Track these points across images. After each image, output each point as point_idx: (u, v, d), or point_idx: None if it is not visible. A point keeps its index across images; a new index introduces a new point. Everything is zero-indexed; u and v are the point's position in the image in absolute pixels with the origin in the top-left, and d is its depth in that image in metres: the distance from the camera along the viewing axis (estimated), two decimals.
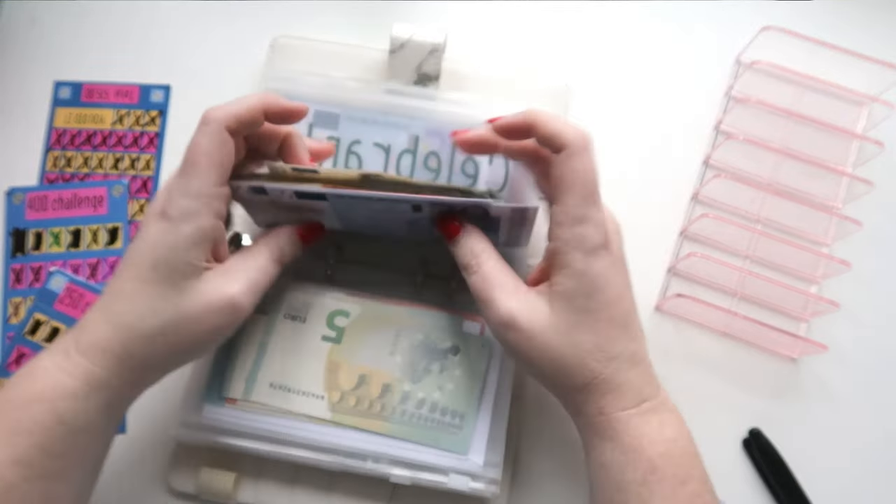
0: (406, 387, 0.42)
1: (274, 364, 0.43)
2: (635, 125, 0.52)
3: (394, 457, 0.41)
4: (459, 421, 0.42)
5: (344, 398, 0.42)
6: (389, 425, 0.42)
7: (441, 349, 0.43)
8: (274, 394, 0.42)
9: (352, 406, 0.42)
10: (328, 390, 0.42)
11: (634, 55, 0.53)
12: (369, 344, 0.43)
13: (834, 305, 0.45)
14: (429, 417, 0.42)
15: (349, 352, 0.43)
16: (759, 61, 0.50)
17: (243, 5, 0.54)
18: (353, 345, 0.43)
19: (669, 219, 0.50)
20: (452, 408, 0.42)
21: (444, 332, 0.43)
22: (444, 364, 0.43)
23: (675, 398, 0.47)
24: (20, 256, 0.49)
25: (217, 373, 0.43)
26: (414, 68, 0.49)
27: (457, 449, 0.42)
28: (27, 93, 0.52)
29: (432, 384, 0.42)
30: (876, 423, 0.47)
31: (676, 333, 0.48)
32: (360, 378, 0.42)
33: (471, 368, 0.43)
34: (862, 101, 0.52)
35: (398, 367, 0.43)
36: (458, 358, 0.43)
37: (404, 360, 0.43)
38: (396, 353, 0.43)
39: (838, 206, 0.50)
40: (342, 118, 0.47)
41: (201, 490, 0.43)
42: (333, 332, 0.43)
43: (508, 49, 0.53)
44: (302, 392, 0.42)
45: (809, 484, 0.46)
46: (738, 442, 0.47)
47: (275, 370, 0.43)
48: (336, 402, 0.42)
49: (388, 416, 0.42)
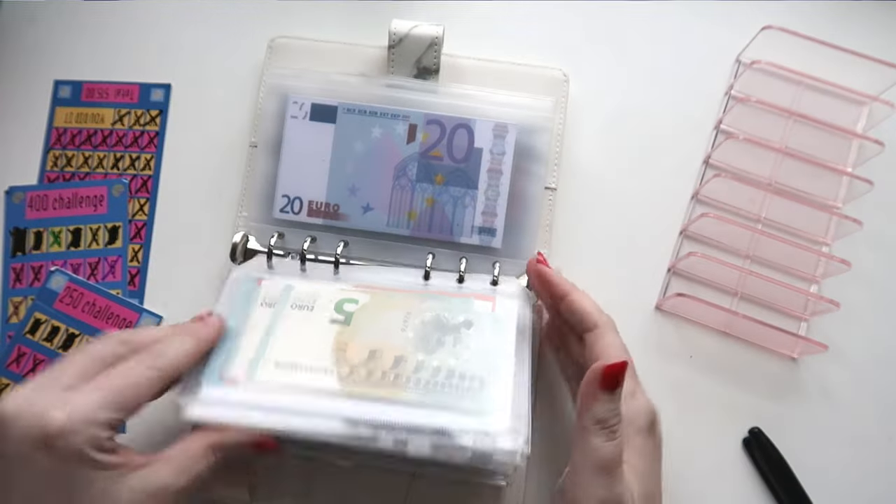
0: (420, 356, 0.40)
1: (279, 345, 0.41)
2: (635, 124, 0.52)
3: (412, 425, 0.37)
4: (479, 384, 0.39)
5: (354, 371, 0.39)
6: (405, 393, 0.38)
7: (453, 324, 0.42)
8: (280, 372, 0.40)
9: (363, 377, 0.39)
10: (337, 365, 0.40)
11: (634, 55, 0.53)
12: (380, 324, 0.42)
13: (834, 305, 0.45)
14: (446, 383, 0.39)
15: (358, 332, 0.41)
16: (760, 61, 0.50)
17: (243, 5, 0.54)
18: (363, 325, 0.42)
19: (669, 218, 0.50)
20: (471, 373, 0.39)
21: (455, 311, 0.42)
22: (457, 337, 0.41)
23: (676, 398, 0.47)
24: (20, 256, 0.49)
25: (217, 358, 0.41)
26: (413, 62, 0.49)
27: (478, 408, 0.38)
28: (27, 92, 0.52)
29: (447, 354, 0.40)
30: (876, 423, 0.47)
31: (676, 333, 0.48)
32: (371, 353, 0.40)
33: (486, 341, 0.41)
34: (862, 100, 0.52)
35: (410, 342, 0.40)
36: (471, 331, 0.41)
37: (416, 335, 0.41)
38: (408, 329, 0.41)
39: (838, 205, 0.50)
40: (340, 110, 0.47)
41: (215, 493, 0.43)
42: (342, 315, 0.42)
43: (508, 48, 0.53)
44: (309, 367, 0.40)
45: (810, 483, 0.46)
46: (738, 441, 0.47)
47: (280, 350, 0.41)
48: (346, 375, 0.39)
49: (402, 384, 0.39)
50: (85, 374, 0.33)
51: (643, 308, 0.49)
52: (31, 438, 0.31)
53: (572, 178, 0.50)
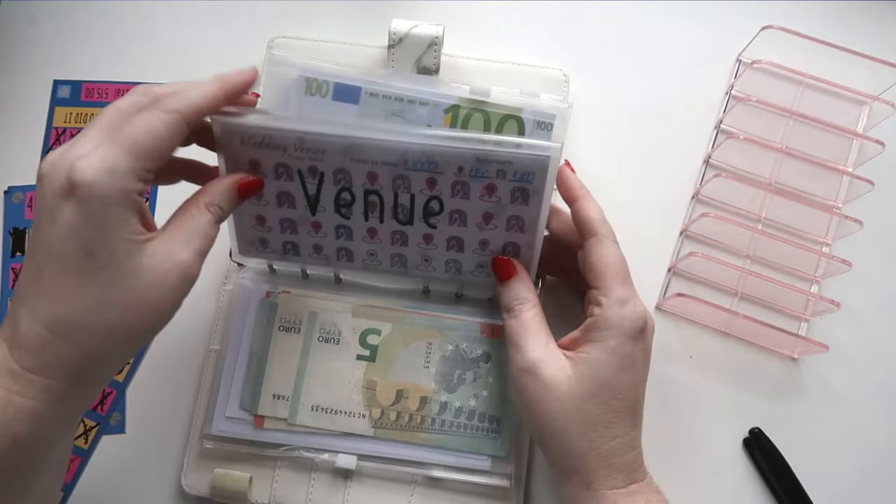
0: (443, 398, 0.44)
1: (314, 387, 0.44)
2: (635, 124, 0.52)
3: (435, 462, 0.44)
4: (497, 426, 0.44)
5: (385, 414, 0.44)
6: (428, 436, 0.43)
7: (472, 358, 0.45)
8: (318, 417, 0.44)
9: (392, 421, 0.44)
10: (369, 408, 0.44)
11: (635, 55, 0.53)
12: (403, 359, 0.45)
13: (834, 305, 0.45)
14: (467, 425, 0.44)
15: (384, 369, 0.45)
16: (760, 60, 0.50)
17: (243, 5, 0.54)
18: (388, 361, 0.45)
19: (669, 218, 0.50)
20: (490, 413, 0.44)
21: (474, 342, 0.45)
22: (476, 372, 0.44)
23: (676, 398, 0.47)
24: (20, 256, 0.49)
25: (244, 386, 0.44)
26: (413, 62, 0.49)
27: (498, 452, 0.43)
28: (26, 92, 0.52)
29: (468, 393, 0.44)
30: (876, 423, 0.47)
31: (677, 333, 0.48)
32: (398, 393, 0.44)
33: (502, 374, 0.44)
34: (862, 100, 0.52)
35: (433, 379, 0.44)
36: (489, 365, 0.45)
37: (439, 372, 0.44)
38: (431, 365, 0.44)
39: (839, 205, 0.50)
40: (363, 92, 0.46)
41: (215, 493, 0.43)
42: (367, 350, 0.45)
43: (508, 48, 0.52)
44: (344, 412, 0.44)
45: (810, 483, 0.46)
46: (738, 441, 0.47)
47: (316, 393, 0.44)
48: (377, 419, 0.44)
49: (427, 427, 0.43)
50: (111, 128, 0.33)
51: None
52: (59, 189, 0.31)
53: None
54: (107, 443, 0.46)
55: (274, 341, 0.45)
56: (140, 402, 0.47)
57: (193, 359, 0.47)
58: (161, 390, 0.46)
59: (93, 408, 0.46)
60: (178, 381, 0.46)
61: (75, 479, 0.45)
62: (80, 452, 0.46)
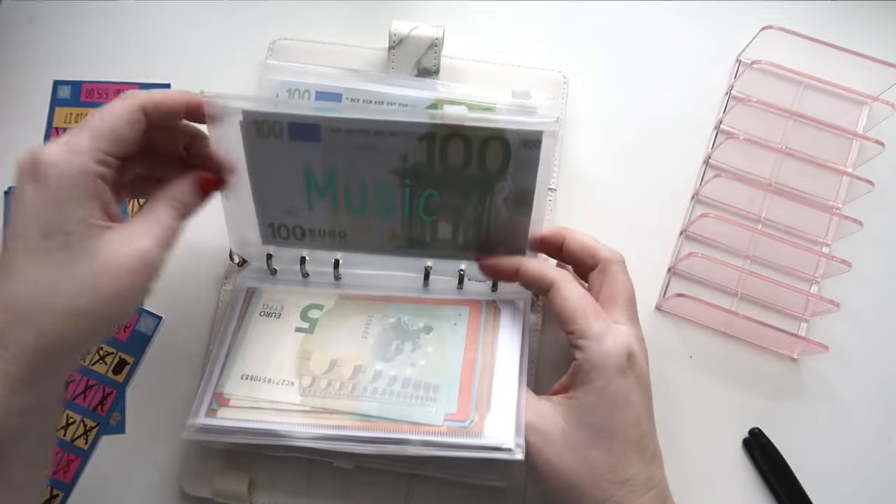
0: (378, 366, 0.42)
1: (246, 356, 0.43)
2: (635, 124, 0.52)
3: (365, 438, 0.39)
4: (433, 393, 0.40)
5: (315, 382, 0.41)
6: (359, 403, 0.40)
7: (413, 330, 0.43)
8: (244, 384, 0.42)
9: (322, 389, 0.41)
10: (299, 376, 0.42)
11: (634, 55, 0.53)
12: (342, 331, 0.43)
13: (834, 305, 0.45)
14: (401, 392, 0.41)
15: (322, 340, 0.43)
16: (760, 61, 0.50)
17: (244, 6, 0.54)
18: (326, 333, 0.43)
19: (669, 218, 0.50)
20: (426, 381, 0.41)
21: (416, 316, 0.44)
22: (416, 343, 0.42)
23: (676, 398, 0.47)
24: None
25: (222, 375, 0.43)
26: (413, 64, 0.49)
27: (432, 420, 0.39)
28: (26, 92, 0.52)
29: (405, 362, 0.42)
30: (876, 423, 0.47)
31: (677, 333, 0.48)
32: (332, 362, 0.42)
33: (445, 344, 0.42)
34: (862, 100, 0.52)
35: (370, 349, 0.42)
36: (430, 336, 0.43)
37: (376, 342, 0.43)
38: (369, 336, 0.43)
39: (838, 205, 0.50)
40: (344, 99, 0.47)
41: (216, 493, 0.43)
42: (307, 323, 0.44)
43: (507, 49, 0.53)
44: (271, 380, 0.42)
45: (810, 484, 0.46)
46: (738, 442, 0.47)
47: (247, 362, 0.42)
48: (307, 387, 0.41)
49: (358, 395, 0.41)
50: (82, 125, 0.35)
51: (643, 308, 0.48)
52: (26, 170, 0.33)
53: (572, 178, 0.50)
54: (107, 443, 0.46)
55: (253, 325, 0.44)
56: (140, 402, 0.47)
57: (193, 359, 0.47)
58: (161, 390, 0.46)
59: (93, 408, 0.46)
60: (178, 381, 0.46)
61: (75, 479, 0.45)
62: (80, 452, 0.46)
